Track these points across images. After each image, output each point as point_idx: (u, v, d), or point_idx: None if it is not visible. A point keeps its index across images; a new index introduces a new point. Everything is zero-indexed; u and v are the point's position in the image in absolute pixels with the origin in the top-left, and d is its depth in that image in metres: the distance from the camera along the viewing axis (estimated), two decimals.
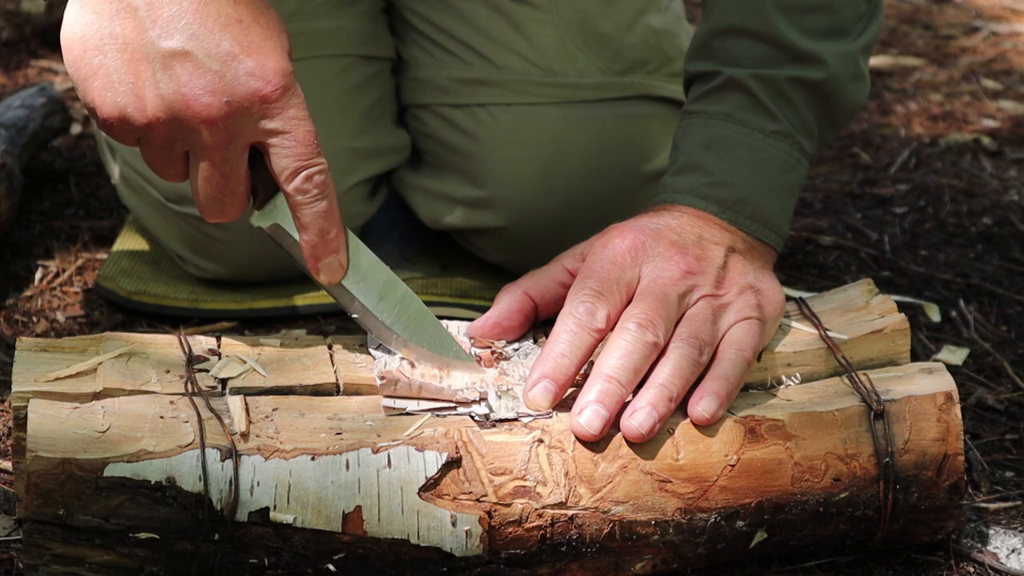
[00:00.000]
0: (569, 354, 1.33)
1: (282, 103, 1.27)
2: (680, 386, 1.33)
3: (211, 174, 1.29)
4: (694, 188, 1.48)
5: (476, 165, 1.84)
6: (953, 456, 1.36)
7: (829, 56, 1.52)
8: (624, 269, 1.38)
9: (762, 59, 1.52)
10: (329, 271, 1.35)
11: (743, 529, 1.33)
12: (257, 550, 1.25)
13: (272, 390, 1.34)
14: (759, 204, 1.48)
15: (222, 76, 1.25)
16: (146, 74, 1.26)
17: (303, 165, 1.29)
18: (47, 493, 1.22)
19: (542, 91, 1.82)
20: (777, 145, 1.51)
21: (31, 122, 2.10)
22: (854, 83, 1.55)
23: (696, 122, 1.53)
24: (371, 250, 1.40)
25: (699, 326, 1.37)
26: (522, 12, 1.82)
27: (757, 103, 1.51)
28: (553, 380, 1.32)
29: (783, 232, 1.51)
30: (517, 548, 1.28)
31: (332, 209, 1.32)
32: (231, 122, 1.26)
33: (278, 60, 1.27)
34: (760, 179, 1.49)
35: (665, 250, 1.40)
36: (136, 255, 1.92)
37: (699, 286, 1.39)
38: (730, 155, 1.50)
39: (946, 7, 3.22)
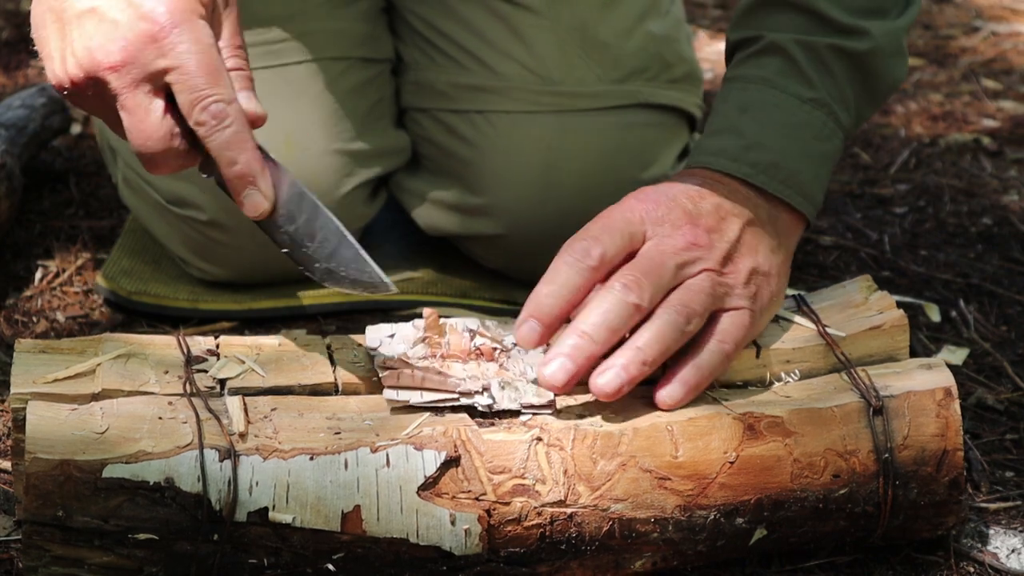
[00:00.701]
0: (555, 293, 1.33)
1: (172, 39, 1.26)
2: (658, 352, 1.33)
3: (129, 123, 1.29)
4: (727, 150, 1.47)
5: (474, 172, 1.84)
6: (952, 452, 1.36)
7: (874, 29, 1.52)
8: (631, 224, 1.37)
9: (804, 27, 1.52)
10: (252, 203, 1.31)
11: (743, 526, 1.33)
12: (256, 550, 1.25)
13: (271, 390, 1.34)
14: (792, 169, 1.47)
15: (119, 24, 1.27)
16: (67, 37, 1.28)
17: (198, 96, 1.27)
18: (46, 494, 1.22)
19: (540, 99, 1.82)
20: (813, 113, 1.50)
21: (31, 122, 2.10)
22: (896, 59, 1.55)
23: (735, 87, 1.52)
24: (372, 250, 1.39)
25: (694, 296, 1.36)
26: (521, 18, 1.82)
27: (796, 68, 1.50)
28: (538, 319, 1.33)
29: (816, 201, 1.49)
30: (517, 546, 1.28)
31: (236, 139, 1.29)
32: (132, 67, 1.27)
33: (172, 1, 1.27)
34: (794, 144, 1.48)
35: (677, 218, 1.38)
36: (136, 255, 1.92)
37: (703, 259, 1.38)
38: (765, 119, 1.49)
39: (946, 7, 3.22)
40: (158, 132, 1.28)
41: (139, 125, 1.28)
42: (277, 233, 1.33)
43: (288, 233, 1.33)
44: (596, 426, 1.31)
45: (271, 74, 1.78)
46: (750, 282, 1.40)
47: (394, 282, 1.86)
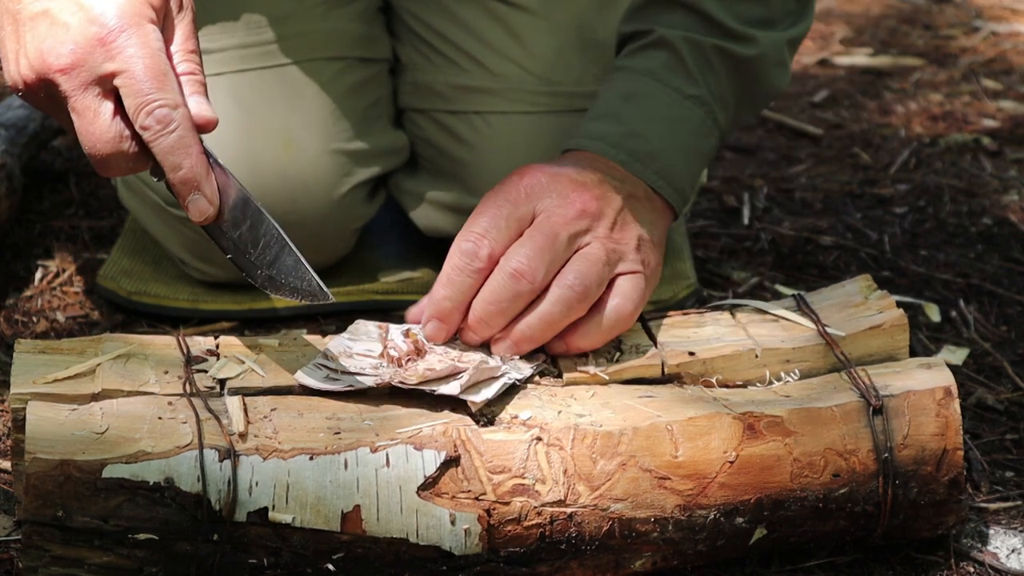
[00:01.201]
0: (451, 297, 1.39)
1: (120, 43, 1.27)
2: (544, 329, 1.39)
3: (79, 125, 1.29)
4: (606, 135, 1.52)
5: (472, 173, 1.84)
6: (952, 451, 1.36)
7: (760, 37, 1.58)
8: (517, 205, 1.41)
9: (694, 27, 1.57)
10: (197, 208, 1.31)
11: (743, 525, 1.33)
12: (256, 550, 1.25)
13: (270, 390, 1.34)
14: (667, 161, 1.52)
15: (69, 27, 1.27)
16: (22, 39, 1.29)
17: (143, 101, 1.27)
18: (46, 495, 1.22)
19: (538, 100, 1.82)
20: (693, 109, 1.55)
21: (31, 122, 2.10)
22: (779, 68, 1.61)
23: (620, 76, 1.58)
24: (371, 250, 1.39)
25: (590, 267, 1.40)
26: (518, 18, 1.82)
27: (682, 64, 1.55)
28: (440, 319, 1.39)
29: (685, 195, 1.54)
30: (516, 546, 1.28)
31: (180, 144, 1.29)
32: (80, 70, 1.27)
33: (119, 5, 1.27)
34: (671, 137, 1.53)
35: (563, 187, 1.43)
36: (136, 255, 1.92)
37: (594, 228, 1.42)
38: (646, 109, 1.54)
39: (946, 7, 3.22)
40: (107, 135, 1.29)
41: (88, 127, 1.28)
42: (222, 238, 1.34)
43: (232, 239, 1.33)
44: (596, 426, 1.31)
45: (268, 74, 1.78)
46: (640, 248, 1.44)
47: (394, 282, 1.89)
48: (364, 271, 1.90)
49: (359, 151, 1.83)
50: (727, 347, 1.43)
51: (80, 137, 1.29)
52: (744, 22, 1.58)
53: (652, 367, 1.41)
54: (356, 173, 1.82)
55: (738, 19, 1.57)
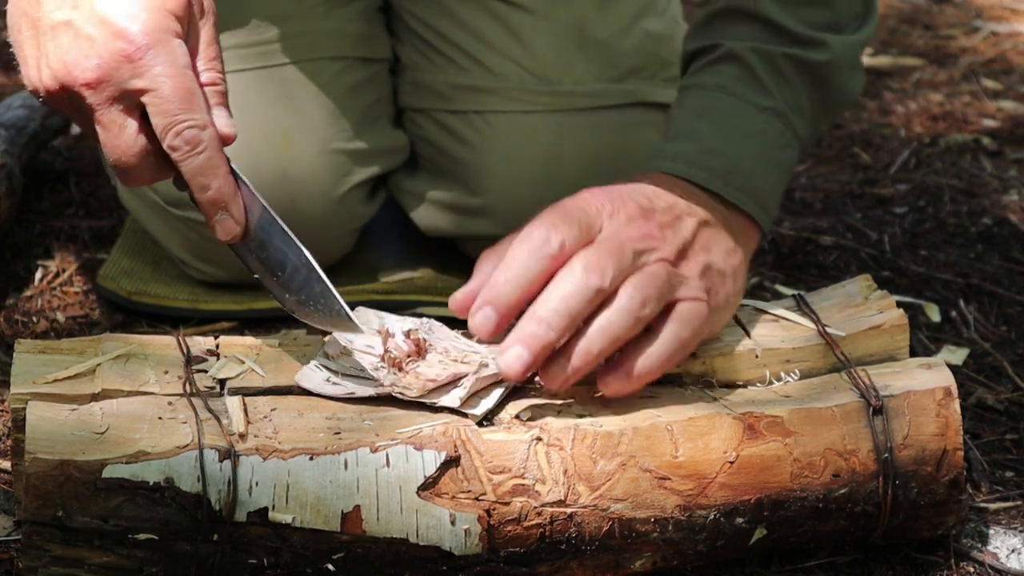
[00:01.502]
0: (513, 280, 1.31)
1: (147, 61, 1.26)
2: (607, 343, 1.30)
3: (105, 138, 1.29)
4: (684, 155, 1.47)
5: (472, 173, 1.84)
6: (952, 451, 1.36)
7: (831, 41, 1.52)
8: (588, 215, 1.34)
9: (762, 37, 1.52)
10: (224, 228, 1.32)
11: (743, 526, 1.33)
12: (256, 550, 1.25)
13: (270, 390, 1.34)
14: (748, 176, 1.46)
15: (94, 41, 1.27)
16: (43, 47, 1.29)
17: (171, 121, 1.28)
18: (46, 495, 1.22)
19: (538, 99, 1.81)
20: (770, 121, 1.50)
21: (31, 122, 2.10)
22: (852, 72, 1.55)
23: (691, 94, 1.52)
24: (371, 250, 1.39)
25: (650, 280, 1.33)
26: (518, 17, 1.81)
27: (753, 77, 1.50)
28: (494, 307, 1.31)
29: (771, 210, 1.49)
30: (516, 546, 1.28)
31: (209, 165, 1.29)
32: (106, 84, 1.27)
33: (145, 19, 1.27)
34: (751, 152, 1.48)
35: (631, 211, 1.36)
36: (136, 255, 1.92)
37: (658, 250, 1.35)
38: (722, 125, 1.49)
39: (946, 7, 3.22)
40: (132, 148, 1.29)
41: (113, 141, 1.28)
42: (249, 258, 1.34)
43: (259, 259, 1.34)
44: (596, 426, 1.31)
45: (268, 74, 1.78)
46: (704, 276, 1.38)
47: (394, 282, 1.89)
48: (364, 271, 1.90)
49: (359, 151, 1.83)
50: (727, 347, 1.43)
51: (105, 148, 1.29)
52: (812, 27, 1.53)
53: None
54: (356, 173, 1.82)
55: (805, 24, 1.52)
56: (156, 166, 1.30)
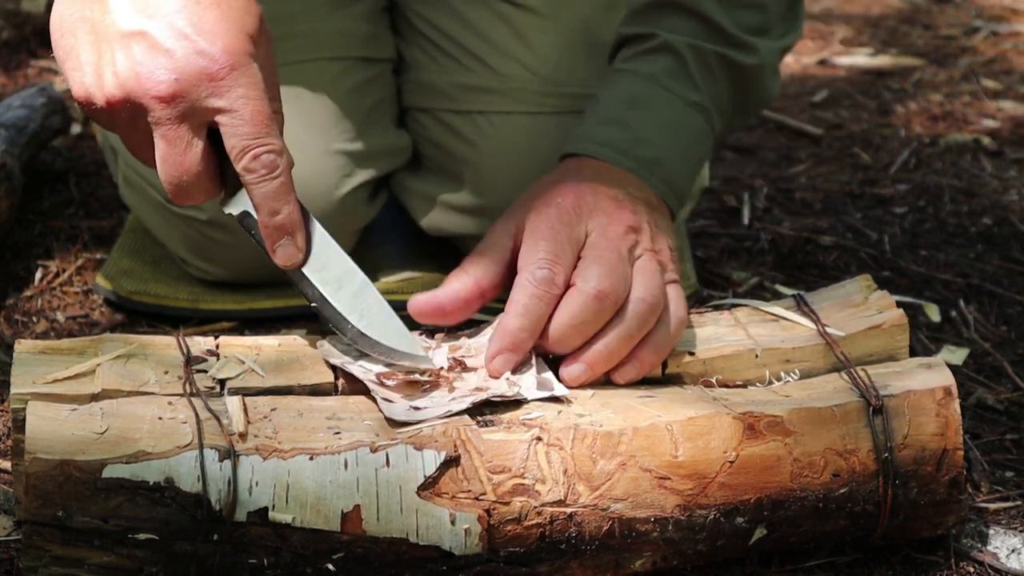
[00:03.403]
0: (528, 328, 1.36)
1: (229, 82, 1.27)
2: (623, 347, 1.37)
3: (167, 153, 1.29)
4: (613, 142, 1.51)
5: (475, 173, 1.84)
6: (952, 451, 1.36)
7: (760, 46, 1.58)
8: (572, 227, 1.40)
9: (697, 33, 1.57)
10: (285, 254, 1.34)
11: (743, 525, 1.33)
12: (256, 550, 1.25)
13: (270, 390, 1.34)
14: (671, 168, 1.51)
15: (172, 55, 1.27)
16: (107, 54, 1.28)
17: (250, 144, 1.29)
18: (46, 495, 1.22)
19: (542, 100, 1.82)
20: (695, 116, 1.55)
21: (31, 122, 2.10)
22: (773, 77, 1.62)
23: (623, 79, 1.57)
24: (372, 250, 1.40)
25: (652, 279, 1.39)
26: (524, 19, 1.82)
27: (685, 71, 1.55)
28: (514, 352, 1.36)
29: (684, 201, 1.54)
30: (516, 546, 1.28)
31: (282, 191, 1.31)
32: (181, 100, 1.27)
33: (230, 40, 1.28)
34: (676, 144, 1.53)
35: (606, 205, 1.42)
36: (136, 255, 1.92)
37: (641, 242, 1.41)
38: (651, 115, 1.54)
39: (946, 7, 3.22)
40: (195, 167, 1.30)
41: (178, 158, 1.29)
42: (308, 287, 1.36)
43: (317, 288, 1.35)
44: (596, 426, 1.31)
45: None
46: (672, 257, 1.44)
47: (394, 282, 1.89)
48: (364, 271, 1.90)
49: (361, 152, 1.82)
50: (727, 347, 1.43)
51: (163, 164, 1.29)
52: (744, 29, 1.58)
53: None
54: (357, 174, 1.82)
55: (739, 26, 1.58)
56: (211, 185, 1.32)
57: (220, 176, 1.32)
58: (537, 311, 1.36)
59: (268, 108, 1.29)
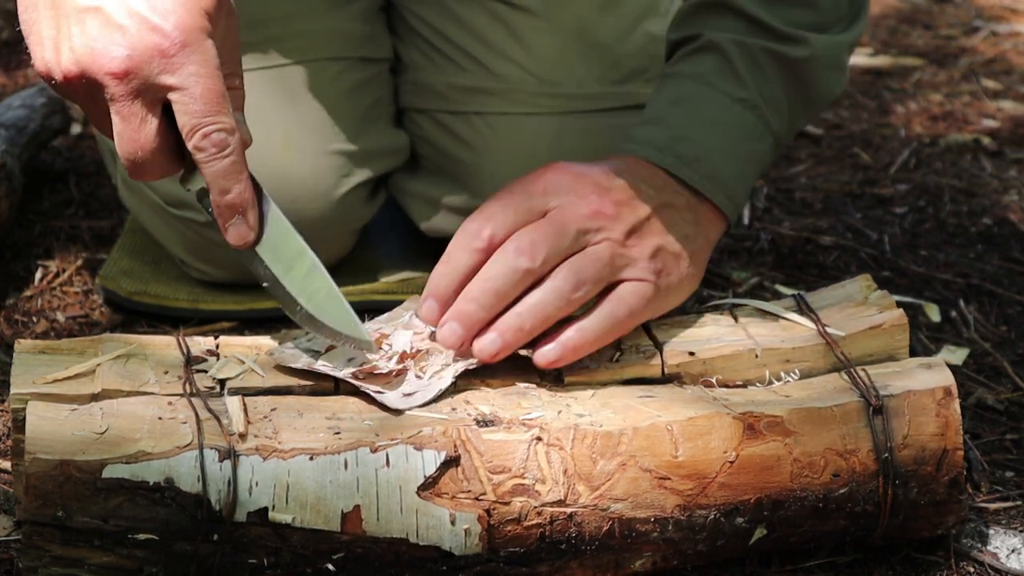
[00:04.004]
0: (448, 274, 1.38)
1: (181, 58, 1.26)
2: (538, 320, 1.36)
3: (123, 129, 1.28)
4: (654, 140, 1.49)
5: (472, 174, 1.84)
6: (952, 451, 1.36)
7: (813, 39, 1.55)
8: (531, 196, 1.40)
9: (743, 31, 1.54)
10: (236, 233, 1.33)
11: (743, 525, 1.33)
12: (256, 550, 1.25)
13: (270, 390, 1.34)
14: (716, 165, 1.49)
15: (126, 31, 1.26)
16: (64, 29, 1.27)
17: (200, 123, 1.28)
18: (46, 495, 1.22)
19: (539, 101, 1.82)
20: (743, 113, 1.52)
21: (31, 122, 2.10)
22: (833, 71, 1.57)
23: (669, 81, 1.56)
24: (371, 250, 1.40)
25: (588, 264, 1.38)
26: (520, 19, 1.82)
27: (730, 68, 1.53)
28: (435, 298, 1.38)
29: (737, 200, 1.51)
30: (516, 546, 1.28)
31: (233, 169, 1.30)
32: (134, 76, 1.26)
33: (183, 16, 1.27)
34: (721, 142, 1.51)
35: (583, 187, 1.41)
36: (136, 255, 1.92)
37: (606, 229, 1.40)
38: (694, 113, 1.52)
39: (946, 7, 3.22)
40: (150, 143, 1.29)
41: (132, 134, 1.28)
42: (258, 266, 1.35)
43: (269, 269, 1.34)
44: (596, 426, 1.31)
45: (269, 74, 1.78)
46: (655, 257, 1.42)
47: (394, 282, 1.89)
48: (364, 271, 1.90)
49: (359, 152, 1.82)
50: (727, 347, 1.43)
51: (119, 140, 1.29)
52: (794, 26, 1.55)
53: (652, 367, 1.41)
54: (356, 174, 1.82)
55: (787, 23, 1.54)
56: (167, 162, 1.31)
57: (179, 153, 1.31)
58: (459, 260, 1.37)
59: (221, 86, 1.28)
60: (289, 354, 1.35)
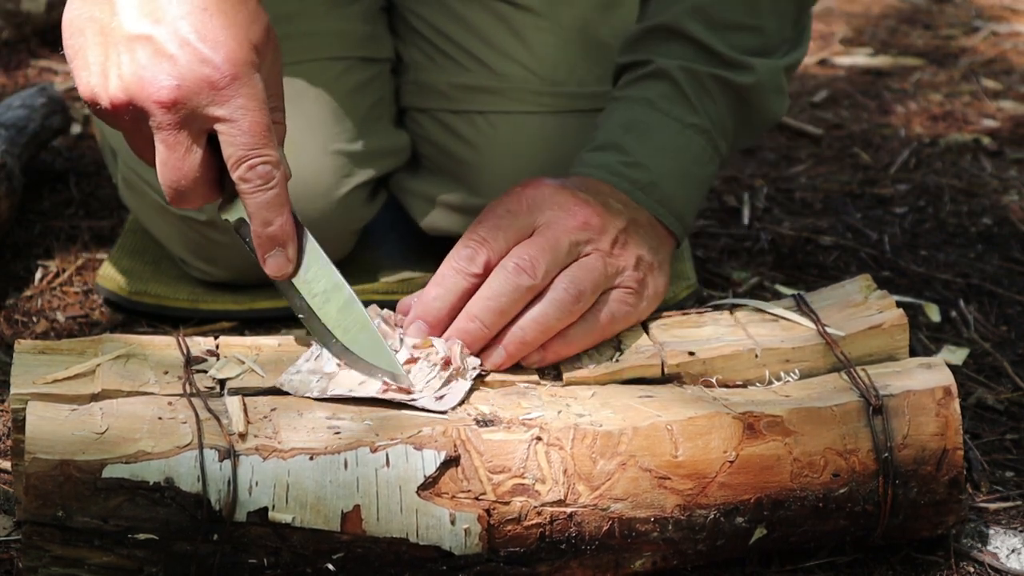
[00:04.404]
0: (441, 297, 1.38)
1: (230, 91, 1.28)
2: (540, 332, 1.38)
3: (167, 158, 1.30)
4: (609, 165, 1.52)
5: (474, 172, 1.84)
6: (952, 451, 1.36)
7: (757, 65, 1.58)
8: (518, 215, 1.41)
9: (691, 57, 1.57)
10: (275, 264, 1.35)
11: (742, 525, 1.33)
12: (256, 550, 1.25)
13: (270, 390, 1.34)
14: (669, 190, 1.52)
15: (176, 61, 1.27)
16: (113, 56, 1.29)
17: (246, 154, 1.29)
18: (46, 495, 1.22)
19: (540, 100, 1.82)
20: (694, 138, 1.56)
21: (31, 122, 2.10)
22: (776, 95, 1.61)
23: (619, 107, 1.58)
24: (371, 250, 1.40)
25: (584, 274, 1.40)
26: (522, 19, 1.82)
27: (680, 94, 1.56)
28: (425, 321, 1.38)
29: (686, 222, 1.54)
30: (516, 546, 1.28)
31: (276, 202, 1.32)
32: (182, 106, 1.28)
33: (233, 49, 1.28)
34: (673, 167, 1.54)
35: (566, 200, 1.43)
36: (136, 255, 1.92)
37: (595, 241, 1.42)
38: (647, 139, 1.54)
39: (946, 7, 3.22)
40: (193, 172, 1.31)
41: (176, 163, 1.30)
42: (295, 297, 1.36)
43: (306, 301, 1.36)
44: (596, 426, 1.31)
45: None
46: (638, 267, 1.44)
47: (394, 282, 1.89)
48: (364, 271, 1.90)
49: (360, 152, 1.83)
50: (727, 347, 1.43)
51: (162, 167, 1.30)
52: (740, 51, 1.58)
53: (652, 367, 1.41)
54: (356, 174, 1.82)
55: (734, 49, 1.58)
56: (208, 191, 1.33)
57: (219, 182, 1.33)
58: (453, 283, 1.38)
59: (267, 119, 1.30)
60: (298, 382, 1.34)
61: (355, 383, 1.34)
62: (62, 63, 2.55)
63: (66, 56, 1.32)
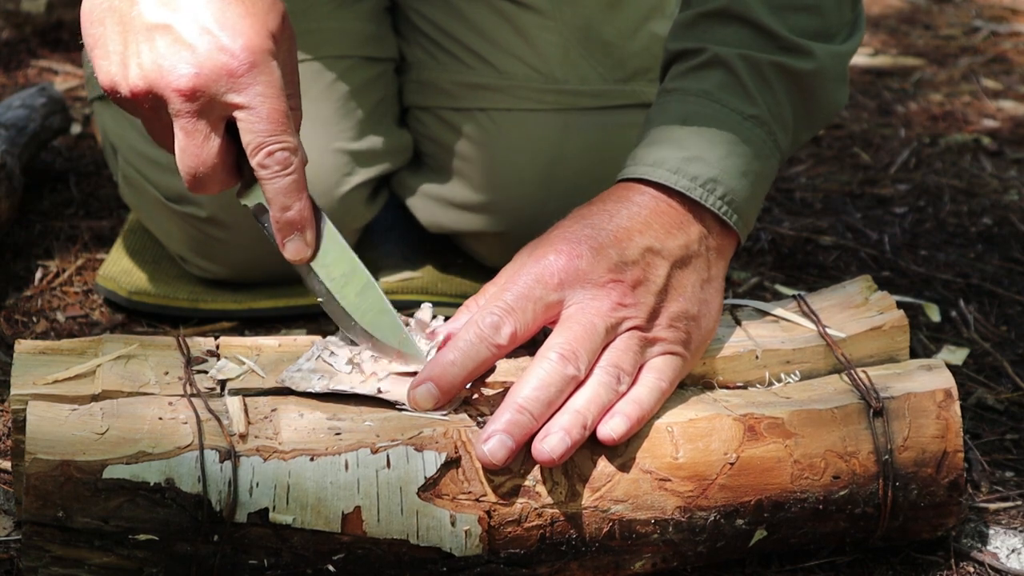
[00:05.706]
0: (460, 363, 1.31)
1: (248, 79, 1.29)
2: (595, 413, 1.31)
3: (186, 145, 1.31)
4: (666, 161, 1.42)
5: (476, 170, 1.84)
6: (952, 453, 1.36)
7: (818, 50, 1.49)
8: (548, 289, 1.34)
9: (749, 42, 1.47)
10: (294, 249, 1.35)
11: (743, 527, 1.33)
12: (256, 551, 1.25)
13: (271, 391, 1.34)
14: (731, 186, 1.43)
15: (195, 49, 1.28)
16: (132, 45, 1.30)
17: (265, 141, 1.30)
18: (46, 495, 1.22)
19: (543, 97, 1.82)
20: (754, 131, 1.45)
21: (31, 122, 2.10)
22: (838, 83, 1.52)
23: (674, 99, 1.48)
24: (372, 250, 1.40)
25: (622, 356, 1.34)
26: (526, 17, 1.82)
27: (739, 84, 1.46)
28: (438, 385, 1.31)
29: (749, 221, 1.46)
30: (517, 547, 1.28)
31: (295, 187, 1.33)
32: (201, 94, 1.28)
33: (251, 37, 1.29)
34: (734, 161, 1.44)
35: (600, 276, 1.35)
36: (136, 255, 1.92)
37: (630, 318, 1.35)
38: (706, 132, 1.44)
39: (946, 7, 3.22)
40: (212, 159, 1.31)
41: (195, 150, 1.30)
42: (315, 282, 1.37)
43: (324, 285, 1.37)
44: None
45: None
46: (678, 327, 1.37)
47: (394, 282, 1.89)
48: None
49: (362, 151, 1.83)
50: (727, 348, 1.43)
51: (181, 154, 1.31)
52: (800, 34, 1.48)
53: None
54: (358, 173, 1.83)
55: (794, 31, 1.48)
56: (227, 177, 1.34)
57: (237, 167, 1.34)
58: (475, 352, 1.31)
59: (285, 106, 1.30)
60: (300, 378, 1.34)
61: (356, 382, 1.34)
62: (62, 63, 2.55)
63: (85, 45, 1.32)
